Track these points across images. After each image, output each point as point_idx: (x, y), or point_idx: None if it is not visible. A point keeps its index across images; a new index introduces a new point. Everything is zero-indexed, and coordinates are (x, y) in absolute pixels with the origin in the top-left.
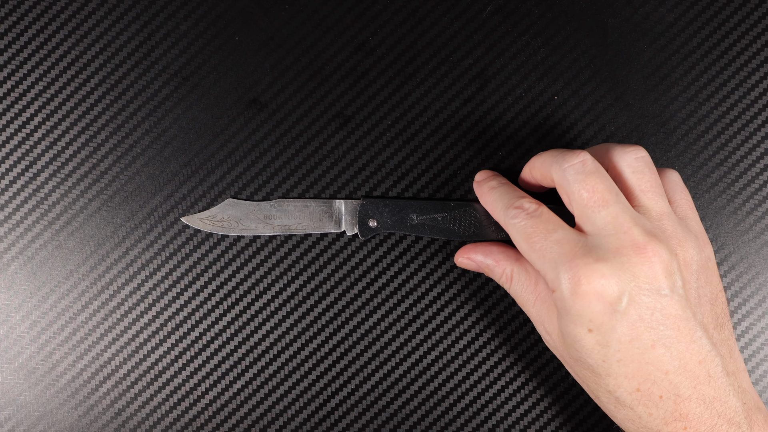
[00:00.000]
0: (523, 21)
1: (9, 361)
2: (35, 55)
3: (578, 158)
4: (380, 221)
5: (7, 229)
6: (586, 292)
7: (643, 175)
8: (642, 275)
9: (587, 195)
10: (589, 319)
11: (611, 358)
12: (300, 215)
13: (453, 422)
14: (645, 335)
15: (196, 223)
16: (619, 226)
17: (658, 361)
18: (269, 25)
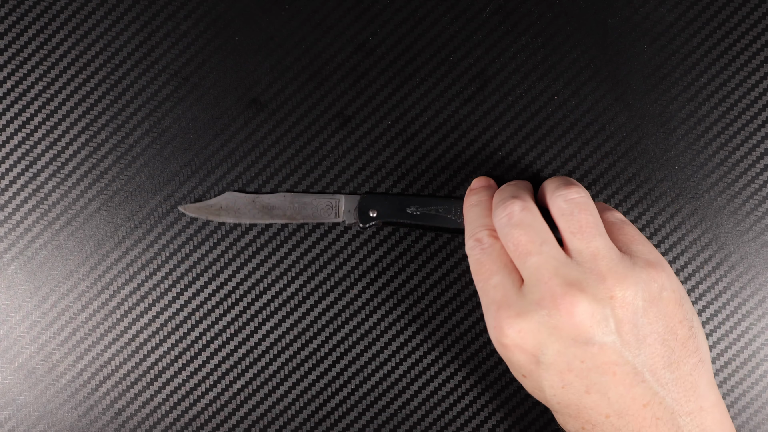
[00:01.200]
0: (523, 21)
1: (9, 361)
2: (35, 55)
3: (505, 211)
4: (380, 211)
5: (7, 229)
6: (507, 344)
7: (571, 217)
8: (563, 327)
9: (512, 247)
10: (519, 366)
11: (551, 400)
12: (300, 206)
13: (454, 421)
14: (576, 382)
15: (193, 211)
16: (540, 277)
17: (596, 406)
18: (269, 25)
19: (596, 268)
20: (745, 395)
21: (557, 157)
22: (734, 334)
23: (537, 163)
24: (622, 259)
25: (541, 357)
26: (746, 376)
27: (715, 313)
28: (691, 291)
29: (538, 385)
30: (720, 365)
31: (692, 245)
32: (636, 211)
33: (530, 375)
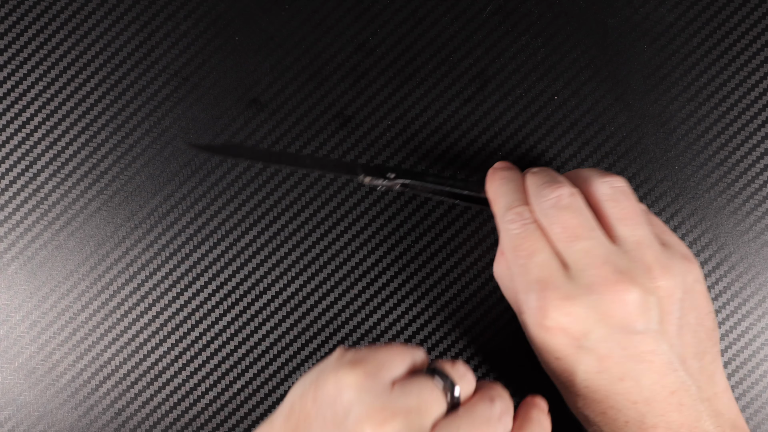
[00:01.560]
0: (522, 21)
1: (9, 361)
2: (35, 55)
3: (554, 193)
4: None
5: (7, 229)
6: (551, 327)
7: (617, 203)
8: (613, 313)
9: (559, 230)
10: (555, 349)
11: (579, 384)
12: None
13: None
14: (614, 369)
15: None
16: (590, 262)
17: (627, 392)
18: (269, 25)
19: (642, 258)
20: (746, 395)
21: (557, 157)
22: (734, 334)
23: (537, 163)
24: (663, 250)
25: (584, 342)
26: (746, 376)
27: (715, 312)
28: None
29: (571, 368)
30: None
31: (692, 245)
32: None
33: (566, 358)
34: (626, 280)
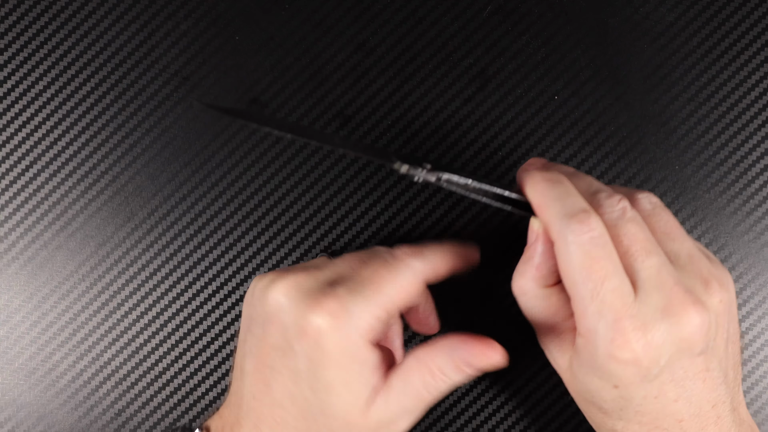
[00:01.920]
0: (523, 20)
1: (9, 362)
2: (35, 55)
3: (619, 204)
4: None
5: (7, 229)
6: (625, 359)
7: (661, 218)
8: (682, 338)
9: (627, 243)
10: (619, 378)
11: (630, 410)
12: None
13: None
14: (671, 392)
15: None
16: (662, 282)
17: (677, 413)
18: (269, 24)
19: (698, 272)
20: (746, 395)
21: (557, 157)
22: None
23: None
24: (711, 260)
25: (652, 370)
26: (746, 376)
27: None
28: None
29: (628, 396)
30: None
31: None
32: None
33: (627, 387)
34: (695, 300)
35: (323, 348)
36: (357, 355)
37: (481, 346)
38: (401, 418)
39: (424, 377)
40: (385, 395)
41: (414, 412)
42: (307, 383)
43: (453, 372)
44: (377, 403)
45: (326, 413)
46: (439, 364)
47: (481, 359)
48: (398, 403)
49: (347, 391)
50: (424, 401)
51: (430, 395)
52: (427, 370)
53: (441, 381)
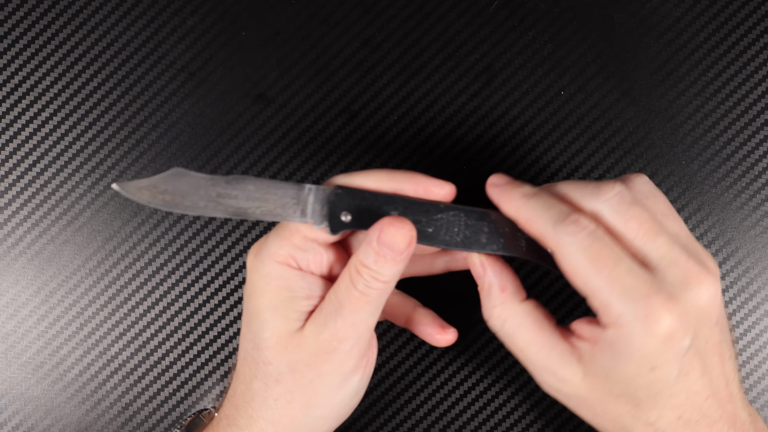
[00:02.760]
0: (529, 16)
1: (17, 356)
2: (42, 51)
3: (613, 190)
4: (355, 216)
5: (15, 224)
6: (662, 333)
7: (657, 199)
8: (702, 308)
9: (636, 226)
10: (657, 358)
11: (665, 393)
12: (260, 197)
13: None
14: (697, 367)
15: (133, 192)
16: (676, 257)
17: (702, 389)
18: (276, 20)
19: (698, 249)
20: (752, 390)
21: (564, 152)
22: (741, 330)
23: (544, 159)
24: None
25: (683, 343)
26: (753, 371)
27: None
28: None
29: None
30: None
31: (699, 240)
32: None
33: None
34: (708, 271)
35: (249, 281)
36: (277, 279)
37: (391, 219)
38: (341, 330)
39: (352, 275)
40: (320, 308)
41: (353, 321)
42: (245, 320)
43: (374, 260)
44: (313, 318)
45: (259, 345)
46: (362, 257)
47: (392, 233)
48: (333, 310)
49: (274, 315)
50: (360, 304)
51: (364, 295)
52: (354, 267)
53: (367, 275)
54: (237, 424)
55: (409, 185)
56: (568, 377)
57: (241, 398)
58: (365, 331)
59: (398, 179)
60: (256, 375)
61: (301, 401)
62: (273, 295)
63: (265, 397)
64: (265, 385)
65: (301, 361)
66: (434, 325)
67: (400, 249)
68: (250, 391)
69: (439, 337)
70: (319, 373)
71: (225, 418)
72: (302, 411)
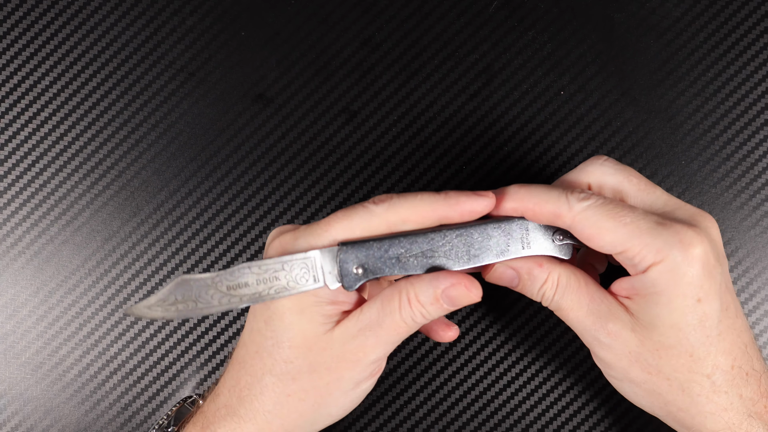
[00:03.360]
0: (529, 16)
1: (16, 356)
2: (41, 51)
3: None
4: (365, 267)
5: (14, 224)
6: (696, 257)
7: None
8: (716, 241)
9: (636, 180)
10: (699, 286)
11: (713, 332)
12: (270, 278)
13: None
14: (732, 305)
15: (144, 312)
16: (676, 201)
17: (743, 331)
18: (275, 20)
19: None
20: None
21: (564, 152)
22: None
23: (543, 158)
24: None
25: (715, 270)
26: None
27: None
28: None
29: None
30: None
31: None
32: None
33: (707, 296)
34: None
35: None
36: None
37: (464, 280)
38: (372, 345)
39: (401, 303)
40: (356, 316)
41: (385, 341)
42: (262, 316)
43: (430, 302)
44: (345, 325)
45: (281, 344)
46: (418, 292)
47: (461, 291)
48: (370, 326)
49: (300, 318)
50: (397, 330)
51: (404, 324)
52: (405, 296)
53: (417, 310)
54: (238, 414)
55: (453, 212)
56: (617, 329)
57: (248, 390)
58: (391, 350)
59: (440, 208)
60: (272, 370)
61: (313, 400)
62: (299, 299)
63: (277, 392)
64: (279, 381)
65: (323, 363)
66: (438, 322)
67: (458, 305)
68: (260, 384)
69: (443, 333)
70: (337, 378)
71: (224, 407)
72: (312, 409)
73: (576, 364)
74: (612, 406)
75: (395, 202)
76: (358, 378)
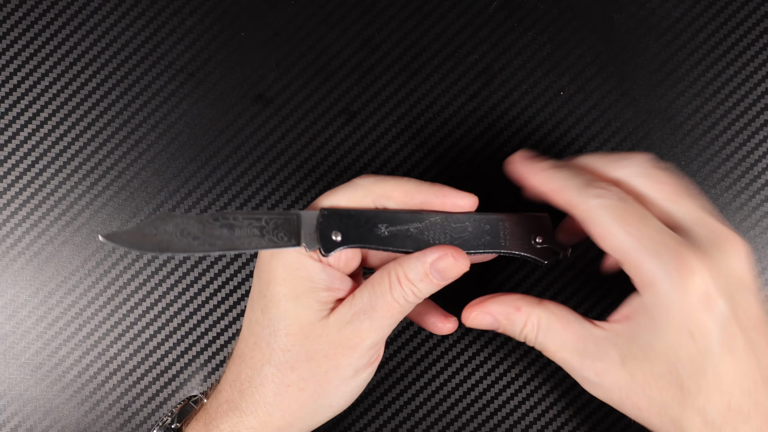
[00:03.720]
0: (529, 16)
1: (16, 357)
2: (41, 51)
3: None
4: (345, 234)
5: (13, 224)
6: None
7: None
8: (735, 270)
9: (661, 187)
10: (693, 320)
11: (707, 368)
12: (249, 229)
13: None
14: (740, 343)
15: (120, 240)
16: (703, 217)
17: (749, 370)
18: (275, 20)
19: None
20: None
21: (564, 153)
22: None
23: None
24: None
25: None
26: None
27: None
28: None
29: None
30: None
31: None
32: None
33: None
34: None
35: (268, 267)
36: (301, 270)
37: (450, 250)
38: (366, 329)
39: (392, 283)
40: (349, 302)
41: (380, 325)
42: (259, 305)
43: (420, 278)
44: (339, 311)
45: (278, 332)
46: (407, 270)
47: (449, 262)
48: (363, 310)
49: (295, 305)
50: (390, 311)
51: (397, 304)
52: (395, 275)
53: (408, 288)
54: (240, 408)
55: (436, 198)
56: (605, 368)
57: (248, 383)
58: (387, 333)
59: (425, 192)
60: (270, 361)
61: (312, 389)
62: (294, 285)
63: (276, 382)
64: (278, 371)
65: (320, 351)
66: (437, 314)
67: (449, 278)
68: (260, 376)
69: (441, 325)
70: (335, 365)
71: (226, 403)
72: (312, 398)
73: None
74: None
75: (381, 177)
76: (356, 365)
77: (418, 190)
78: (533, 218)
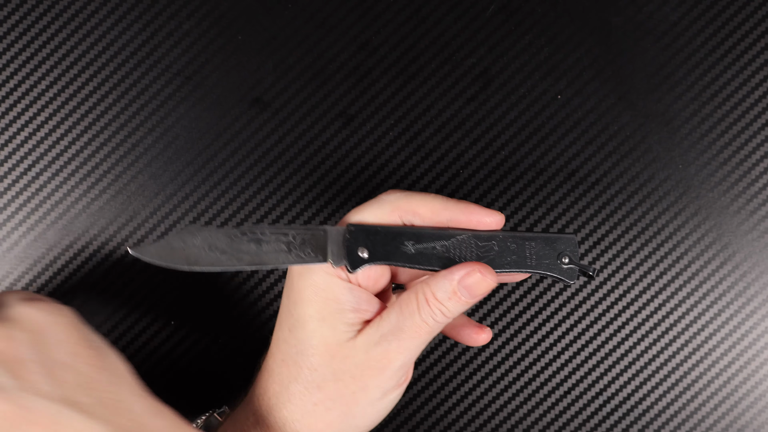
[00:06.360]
0: (526, 20)
1: None
2: (37, 55)
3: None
4: (372, 251)
5: (9, 228)
6: None
7: None
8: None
9: None
10: None
11: None
12: (276, 244)
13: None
14: None
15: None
16: None
17: None
18: (272, 24)
19: None
20: (749, 395)
21: (560, 157)
22: (738, 334)
23: (540, 163)
24: None
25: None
26: (750, 376)
27: (718, 312)
28: (694, 290)
29: None
30: (724, 365)
31: (696, 244)
32: (639, 211)
33: None
34: None
35: (296, 288)
36: (328, 291)
37: (477, 266)
38: (395, 351)
39: (420, 303)
40: (377, 324)
41: (408, 346)
42: (287, 324)
43: (448, 297)
44: (367, 332)
45: (305, 352)
46: (434, 290)
47: (476, 278)
48: (391, 331)
49: (322, 326)
50: (419, 332)
51: (425, 325)
52: (422, 295)
53: (436, 308)
54: (267, 422)
55: (463, 216)
56: None
57: (276, 399)
58: (415, 355)
59: (451, 209)
60: (298, 379)
61: (340, 410)
62: (321, 306)
63: (303, 401)
64: (305, 389)
65: (348, 371)
66: (470, 325)
67: (478, 295)
68: (287, 393)
69: (476, 336)
70: (363, 386)
71: (253, 415)
72: (339, 419)
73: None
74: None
75: (407, 193)
76: (384, 387)
77: (444, 206)
78: (560, 238)
